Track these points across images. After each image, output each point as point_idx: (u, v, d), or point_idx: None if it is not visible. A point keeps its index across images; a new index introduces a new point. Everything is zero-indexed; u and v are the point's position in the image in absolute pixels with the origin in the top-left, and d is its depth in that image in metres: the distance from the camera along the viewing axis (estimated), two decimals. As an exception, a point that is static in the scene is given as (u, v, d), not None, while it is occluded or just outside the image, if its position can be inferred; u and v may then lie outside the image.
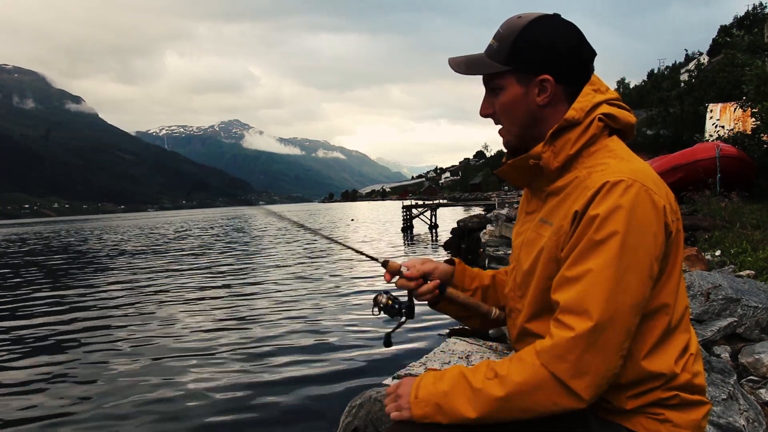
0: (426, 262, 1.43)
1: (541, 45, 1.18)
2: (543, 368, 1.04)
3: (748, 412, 2.13)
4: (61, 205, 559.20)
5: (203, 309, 10.39)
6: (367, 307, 8.34)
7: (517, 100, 1.21)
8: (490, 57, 1.22)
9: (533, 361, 1.06)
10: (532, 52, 1.18)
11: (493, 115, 1.27)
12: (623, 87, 60.86)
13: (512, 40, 1.19)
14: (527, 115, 1.22)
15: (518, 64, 1.19)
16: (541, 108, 1.21)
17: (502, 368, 1.09)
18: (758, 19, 31.51)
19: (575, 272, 1.07)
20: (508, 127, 1.26)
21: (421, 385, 1.17)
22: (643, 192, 1.06)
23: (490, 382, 1.09)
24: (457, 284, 1.47)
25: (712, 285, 3.14)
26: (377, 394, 1.51)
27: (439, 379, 1.16)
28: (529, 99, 1.21)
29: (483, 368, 1.13)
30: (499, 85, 1.23)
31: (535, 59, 1.18)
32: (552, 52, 1.18)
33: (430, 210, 34.63)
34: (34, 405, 5.71)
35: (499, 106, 1.24)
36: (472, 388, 1.10)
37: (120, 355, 7.42)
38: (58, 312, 10.91)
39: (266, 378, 6.19)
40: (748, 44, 16.49)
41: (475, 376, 1.12)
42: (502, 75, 1.22)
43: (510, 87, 1.22)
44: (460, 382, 1.13)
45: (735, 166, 10.35)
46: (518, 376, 1.06)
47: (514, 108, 1.22)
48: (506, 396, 1.06)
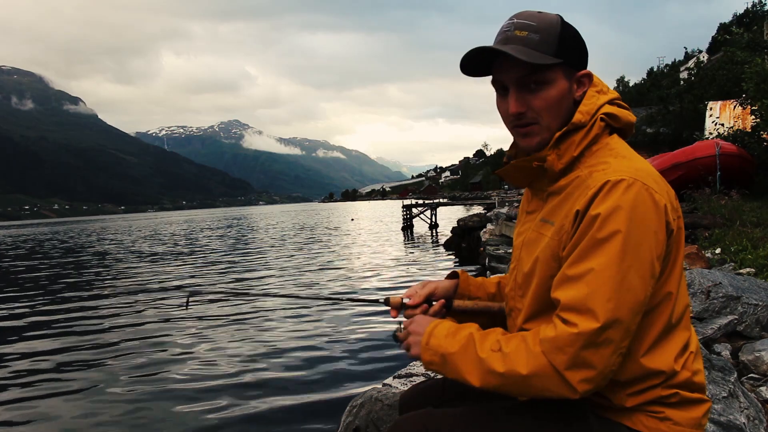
0: (426, 285, 1.45)
1: (580, 41, 1.21)
2: (543, 356, 1.06)
3: (748, 410, 2.13)
4: (61, 206, 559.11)
5: (203, 308, 10.39)
6: (367, 307, 8.30)
7: (564, 95, 1.19)
8: (534, 48, 1.15)
9: (535, 347, 1.08)
10: (576, 47, 1.20)
11: (525, 113, 1.19)
12: (623, 85, 60.75)
13: (557, 33, 1.16)
14: (568, 110, 1.21)
15: (568, 57, 1.18)
16: (575, 104, 1.21)
17: (508, 345, 1.12)
18: (758, 16, 31.50)
19: (577, 271, 1.07)
20: (550, 124, 1.19)
21: (433, 334, 1.22)
22: (644, 191, 1.06)
23: (494, 355, 1.12)
24: (463, 295, 1.49)
25: (712, 283, 3.14)
26: (378, 393, 1.52)
27: (452, 335, 1.20)
28: (571, 94, 1.21)
29: (492, 338, 1.15)
30: (546, 79, 1.17)
31: (578, 54, 1.20)
32: (585, 49, 1.22)
33: (430, 209, 34.59)
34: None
35: (544, 101, 1.17)
36: (477, 356, 1.13)
37: (118, 349, 7.44)
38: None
39: (267, 377, 6.19)
40: (747, 42, 16.49)
41: (482, 345, 1.15)
42: (552, 68, 1.16)
43: (558, 81, 1.17)
44: (468, 346, 1.16)
45: (735, 163, 10.35)
46: (519, 358, 1.08)
47: (560, 103, 1.19)
48: (505, 373, 1.09)
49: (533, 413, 1.17)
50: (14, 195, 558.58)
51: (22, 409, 5.66)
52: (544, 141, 1.20)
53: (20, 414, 5.55)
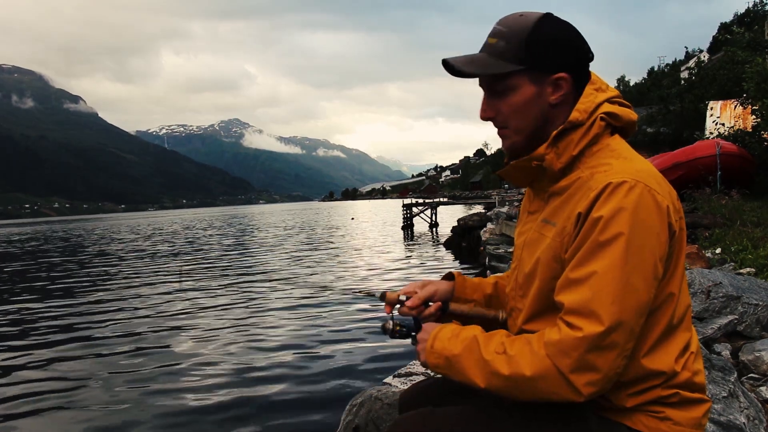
0: (425, 286, 1.43)
1: (555, 42, 1.17)
2: (548, 359, 1.06)
3: (748, 410, 2.13)
4: (61, 205, 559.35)
5: (202, 308, 10.39)
6: (367, 306, 8.30)
7: (530, 100, 1.19)
8: (497, 57, 1.18)
9: (539, 350, 1.07)
10: (547, 50, 1.17)
11: (496, 118, 1.24)
12: (623, 84, 60.75)
13: (524, 38, 1.16)
14: (539, 115, 1.20)
15: (533, 62, 1.17)
16: (552, 107, 1.20)
17: (512, 348, 1.11)
18: (758, 16, 31.44)
19: (580, 274, 1.07)
20: (518, 128, 1.22)
21: (438, 337, 1.22)
22: (647, 192, 1.06)
23: (498, 357, 1.11)
24: (459, 297, 1.48)
25: (712, 283, 3.14)
26: (378, 392, 1.52)
27: (455, 336, 1.20)
28: (542, 98, 1.19)
29: (496, 340, 1.15)
30: (510, 86, 1.19)
31: (550, 57, 1.17)
32: (566, 50, 1.18)
33: (431, 208, 34.60)
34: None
35: (509, 107, 1.20)
36: (481, 358, 1.13)
37: (117, 344, 7.45)
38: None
39: (267, 376, 6.20)
40: (748, 41, 16.47)
41: (487, 347, 1.14)
42: (513, 75, 1.18)
43: (523, 87, 1.18)
44: (471, 347, 1.16)
45: (735, 163, 10.35)
46: (524, 361, 1.08)
47: (527, 108, 1.20)
48: (510, 375, 1.09)
49: (533, 412, 1.17)
50: (14, 194, 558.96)
51: (21, 408, 5.68)
52: (516, 144, 1.24)
53: (19, 414, 5.56)
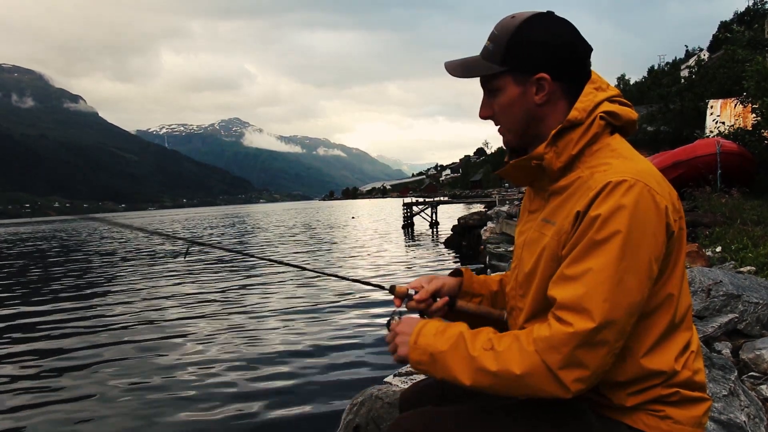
0: (433, 280, 1.44)
1: (534, 44, 1.18)
2: (536, 355, 1.06)
3: (749, 409, 2.14)
4: (62, 204, 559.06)
5: (203, 307, 10.40)
6: (367, 306, 8.28)
7: (515, 100, 1.22)
8: (486, 59, 1.23)
9: (528, 346, 1.07)
10: (527, 52, 1.19)
11: (493, 117, 1.29)
12: (623, 83, 60.72)
13: (506, 40, 1.20)
14: (526, 114, 1.23)
15: (514, 64, 1.20)
16: (539, 107, 1.21)
17: (500, 344, 1.11)
18: (758, 14, 31.39)
19: (575, 271, 1.07)
20: (508, 127, 1.27)
21: (422, 333, 1.21)
22: (646, 192, 1.06)
23: (486, 354, 1.11)
24: (467, 292, 1.48)
25: (712, 281, 3.14)
26: (378, 391, 1.52)
27: (441, 333, 1.19)
28: (527, 98, 1.21)
29: (483, 337, 1.15)
30: (497, 87, 1.24)
31: (529, 58, 1.19)
32: (546, 50, 1.18)
33: (431, 207, 34.60)
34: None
35: (498, 107, 1.25)
36: (468, 354, 1.13)
37: (117, 343, 7.46)
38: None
39: (267, 376, 6.19)
40: (748, 40, 16.47)
41: (473, 343, 1.14)
42: (498, 76, 1.22)
43: (507, 88, 1.22)
44: (458, 344, 1.15)
45: (735, 162, 10.34)
46: (512, 357, 1.08)
47: (513, 108, 1.23)
48: (498, 372, 1.09)
49: (533, 411, 1.18)
50: (15, 193, 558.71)
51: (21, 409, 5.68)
52: (510, 142, 1.30)
53: (20, 413, 5.56)
